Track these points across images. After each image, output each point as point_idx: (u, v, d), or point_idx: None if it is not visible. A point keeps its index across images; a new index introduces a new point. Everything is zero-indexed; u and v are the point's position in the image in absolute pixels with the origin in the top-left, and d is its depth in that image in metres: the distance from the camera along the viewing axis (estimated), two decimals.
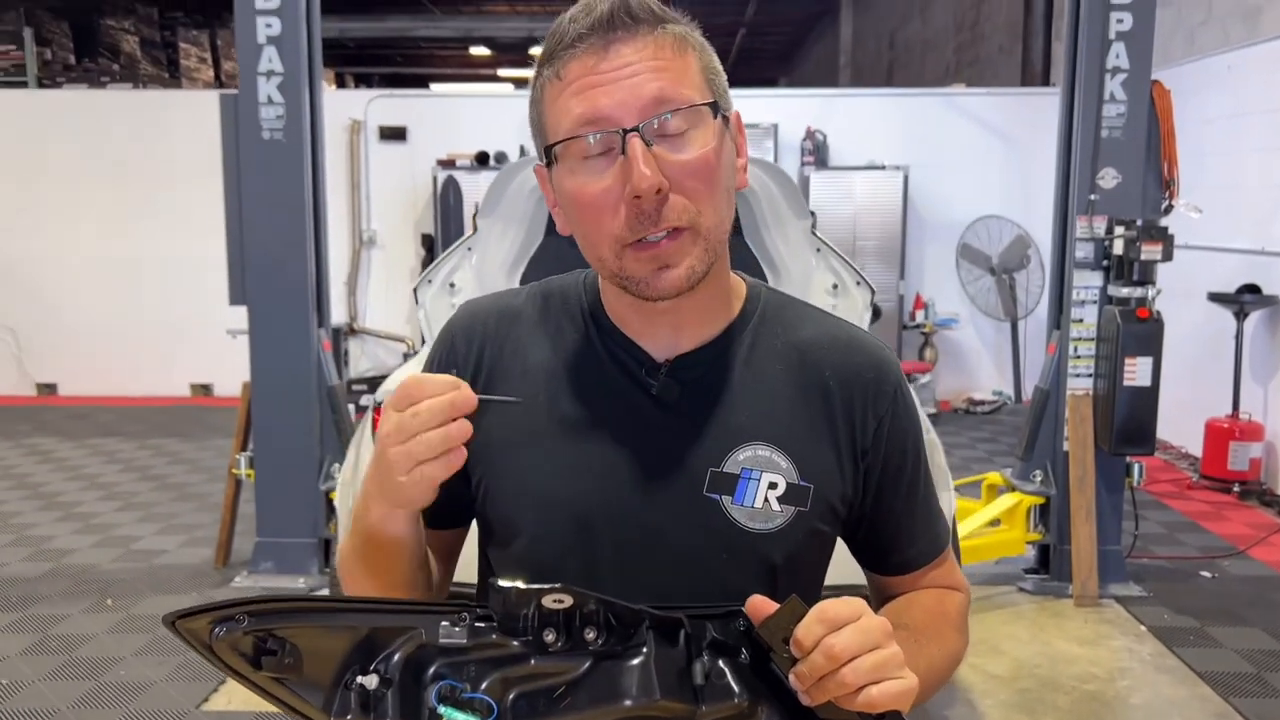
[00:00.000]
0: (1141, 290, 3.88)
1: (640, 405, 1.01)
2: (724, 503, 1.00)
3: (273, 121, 4.00)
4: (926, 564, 1.11)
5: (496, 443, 1.02)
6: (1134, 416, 3.90)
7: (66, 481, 5.65)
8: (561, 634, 0.87)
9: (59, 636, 3.63)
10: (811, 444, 1.02)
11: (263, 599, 0.84)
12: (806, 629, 0.84)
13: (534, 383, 1.03)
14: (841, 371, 1.05)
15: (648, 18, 0.93)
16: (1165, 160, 3.92)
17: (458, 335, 1.08)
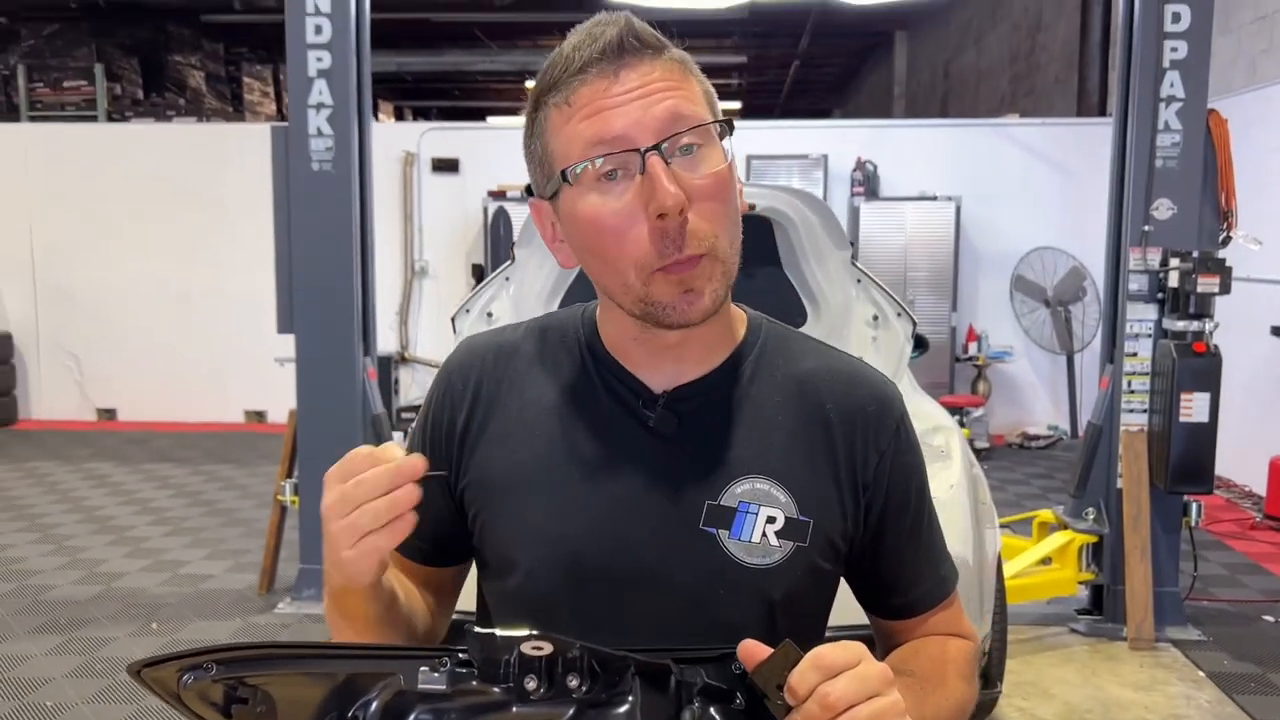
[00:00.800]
0: (1198, 324, 3.77)
1: (637, 438, 0.99)
2: (721, 537, 0.97)
3: (322, 153, 4.07)
4: (931, 607, 1.07)
5: (492, 479, 1.01)
6: (1190, 454, 3.78)
7: (120, 506, 5.76)
8: (543, 681, 0.84)
9: (105, 659, 3.68)
10: (811, 478, 1.00)
11: (232, 646, 0.82)
12: (801, 676, 0.81)
13: (530, 418, 1.02)
14: (842, 404, 1.02)
15: (653, 43, 0.93)
16: (1223, 191, 3.82)
17: (454, 373, 1.07)
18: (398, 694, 0.84)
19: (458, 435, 1.04)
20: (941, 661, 1.04)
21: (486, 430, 1.03)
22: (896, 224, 7.41)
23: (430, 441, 1.06)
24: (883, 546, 1.03)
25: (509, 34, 13.33)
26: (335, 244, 4.09)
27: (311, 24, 4.01)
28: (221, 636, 3.88)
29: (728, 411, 1.01)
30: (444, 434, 1.05)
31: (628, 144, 0.90)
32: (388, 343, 7.60)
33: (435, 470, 0.88)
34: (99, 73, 10.27)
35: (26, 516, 5.53)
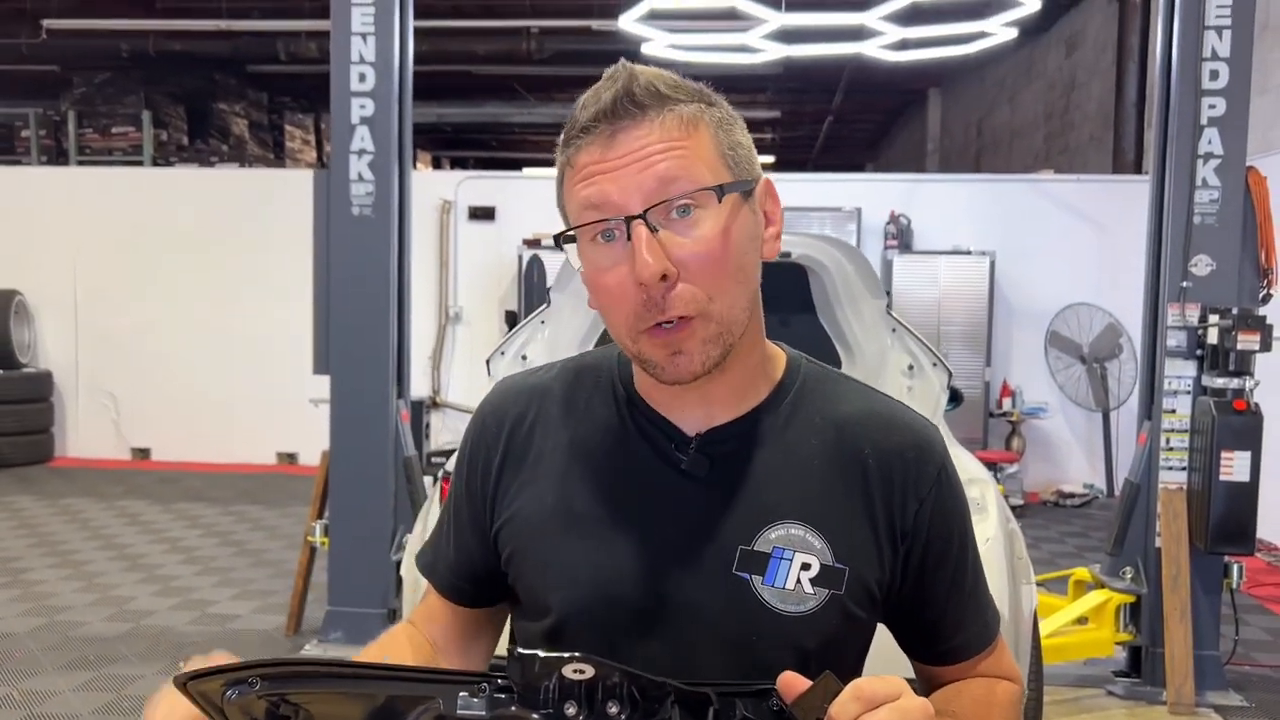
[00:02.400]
0: (1239, 381, 3.72)
1: (670, 481, 0.99)
2: (754, 582, 0.97)
3: (362, 198, 4.13)
4: (976, 654, 1.05)
5: (525, 520, 1.02)
6: (1231, 514, 3.70)
7: (151, 544, 5.79)
8: (583, 708, 0.84)
9: (132, 697, 3.67)
10: (847, 524, 0.98)
11: (277, 662, 0.82)
12: (842, 707, 0.80)
13: (562, 460, 1.02)
14: (881, 449, 1.00)
15: (652, 102, 0.92)
16: (1262, 248, 3.79)
17: (489, 415, 1.09)
18: (437, 718, 0.84)
19: (493, 476, 1.05)
20: (987, 704, 1.02)
21: (520, 472, 1.04)
22: (930, 277, 7.40)
23: (467, 484, 1.08)
24: (925, 594, 1.02)
25: (546, 87, 13.55)
26: (372, 288, 4.14)
27: (356, 72, 4.09)
28: None
29: (762, 455, 0.99)
30: (479, 475, 1.07)
31: (616, 210, 0.91)
32: (420, 387, 7.65)
33: None
34: (146, 119, 10.54)
35: (59, 553, 5.58)
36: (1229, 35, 3.76)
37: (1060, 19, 9.82)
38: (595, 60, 9.03)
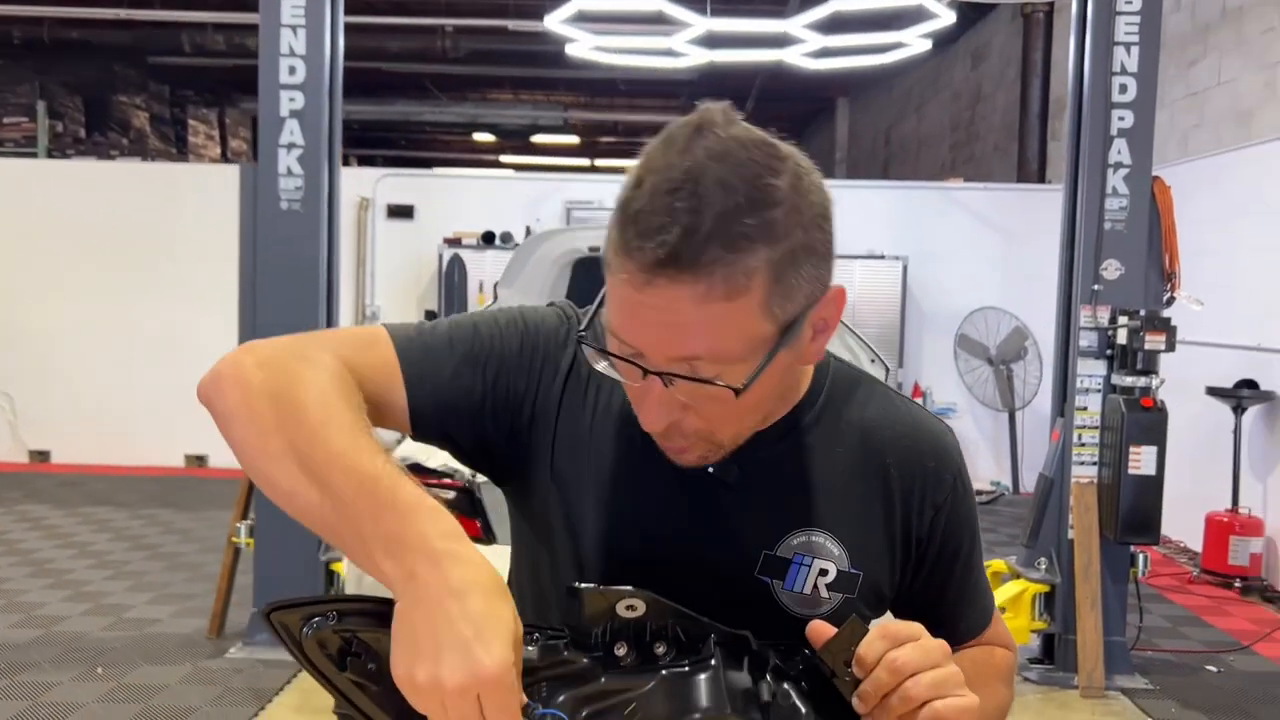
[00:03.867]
0: (1145, 379, 3.92)
1: (700, 480, 1.00)
2: (774, 587, 1.01)
3: (291, 193, 4.07)
4: (976, 635, 1.12)
5: (562, 473, 1.02)
6: (1139, 505, 3.90)
7: (57, 549, 5.57)
8: (632, 649, 0.88)
9: (49, 704, 3.55)
10: (865, 530, 1.02)
11: (356, 598, 0.84)
12: (869, 645, 0.86)
13: (606, 428, 1.03)
14: (903, 458, 1.04)
15: (703, 258, 0.81)
16: (1167, 253, 4.00)
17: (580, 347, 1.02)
18: None
19: (556, 380, 1.01)
20: (985, 664, 1.08)
21: (576, 409, 1.02)
22: (844, 281, 7.47)
23: (521, 346, 1.01)
24: (931, 591, 1.07)
25: (459, 86, 13.44)
26: (301, 284, 4.08)
27: (286, 65, 4.03)
28: (171, 681, 3.77)
29: (789, 462, 1.02)
30: (540, 357, 1.01)
31: (638, 355, 0.87)
32: None
33: None
34: (41, 110, 10.13)
35: None
36: (1136, 51, 3.96)
37: (967, 32, 10.16)
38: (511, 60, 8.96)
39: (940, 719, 0.85)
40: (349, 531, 0.81)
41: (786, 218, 0.84)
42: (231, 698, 3.65)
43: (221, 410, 0.90)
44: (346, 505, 0.81)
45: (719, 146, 0.84)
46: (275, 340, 0.96)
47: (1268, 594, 5.25)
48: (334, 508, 0.81)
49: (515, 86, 13.83)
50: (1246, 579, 5.33)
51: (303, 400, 0.86)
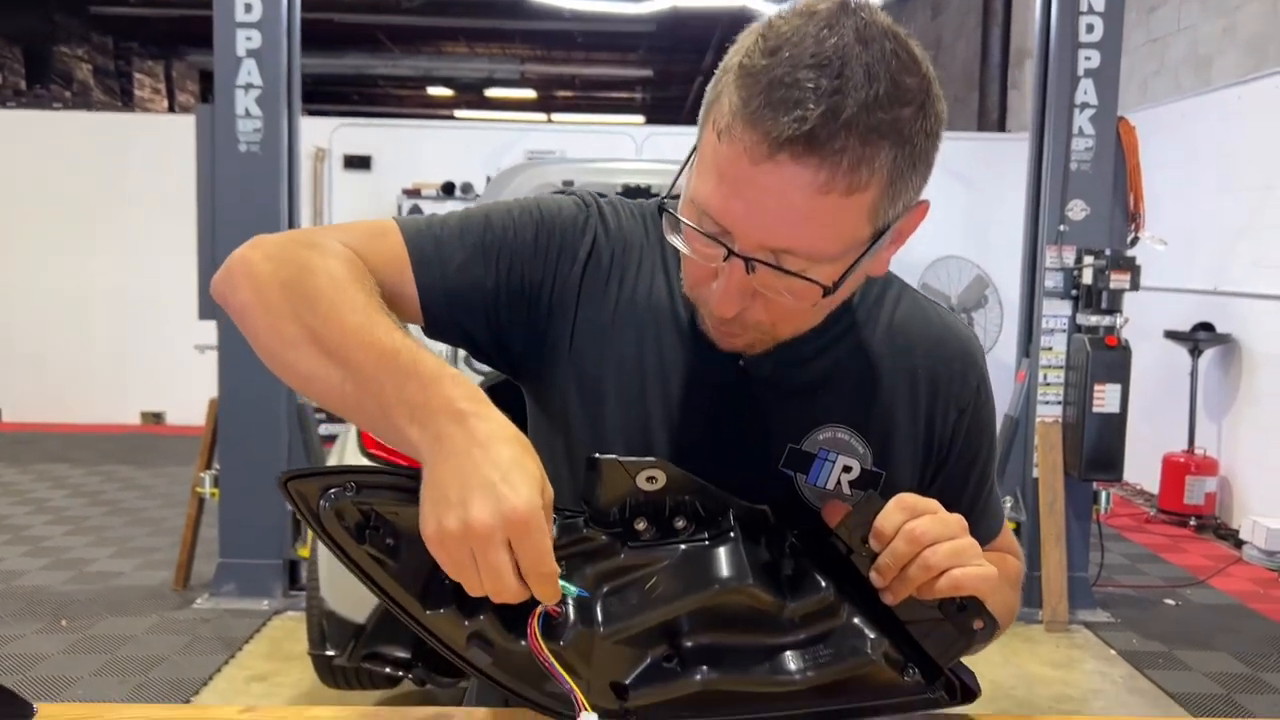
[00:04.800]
0: (1110, 319, 3.97)
1: (730, 371, 1.00)
2: (797, 480, 1.00)
3: (250, 135, 3.97)
4: (988, 542, 1.12)
5: (584, 366, 1.00)
6: (1103, 443, 3.96)
7: (13, 505, 5.46)
8: (651, 524, 0.87)
9: (12, 656, 3.48)
10: (890, 430, 1.02)
11: (372, 469, 0.82)
12: (887, 517, 0.86)
13: (629, 317, 1.01)
14: (931, 359, 1.04)
15: (836, 149, 0.77)
16: (1132, 194, 4.04)
17: (600, 234, 1.01)
18: None
19: (573, 270, 0.99)
20: (998, 568, 1.08)
21: (596, 298, 1.00)
22: None
23: (535, 239, 0.99)
24: (949, 494, 1.05)
25: (412, 38, 13.19)
26: (262, 228, 3.96)
27: (241, 2, 3.91)
28: (138, 632, 3.72)
29: (821, 359, 1.01)
30: (556, 248, 0.99)
31: (724, 234, 0.83)
32: None
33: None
34: None
35: None
36: None
37: None
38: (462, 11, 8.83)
39: (960, 585, 0.85)
40: (372, 405, 0.79)
41: (914, 120, 0.81)
42: (200, 646, 3.61)
43: (236, 305, 0.89)
44: (368, 380, 0.79)
45: (866, 31, 0.80)
46: (282, 233, 0.94)
47: (1221, 531, 5.38)
48: (355, 384, 0.80)
49: (470, 39, 13.59)
50: (1201, 517, 5.45)
51: (315, 284, 0.85)
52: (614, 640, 0.87)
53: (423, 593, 0.83)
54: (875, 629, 0.91)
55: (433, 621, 0.83)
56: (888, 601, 0.88)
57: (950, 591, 0.86)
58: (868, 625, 0.91)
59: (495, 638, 0.84)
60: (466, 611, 0.83)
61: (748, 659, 0.89)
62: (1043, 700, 3.41)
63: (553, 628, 0.85)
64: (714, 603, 0.87)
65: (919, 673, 0.93)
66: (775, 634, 0.90)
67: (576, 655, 0.86)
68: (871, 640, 0.91)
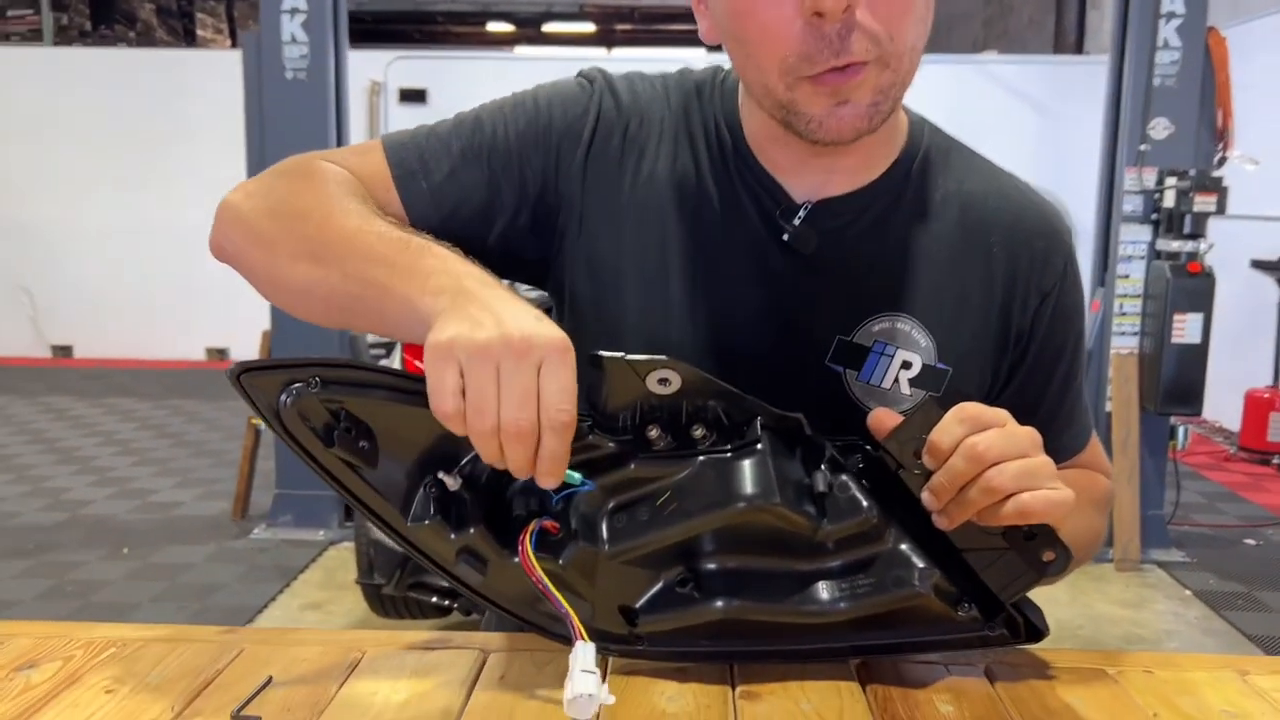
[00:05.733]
0: (1193, 244, 3.75)
1: (769, 252, 0.88)
2: (847, 377, 0.88)
3: (296, 61, 3.89)
4: (1072, 456, 0.99)
5: (601, 256, 0.89)
6: (1182, 375, 3.77)
7: (82, 437, 5.57)
8: (666, 432, 0.77)
9: (75, 582, 3.54)
10: (959, 321, 0.89)
11: (339, 361, 0.72)
12: (944, 430, 0.73)
13: (647, 196, 0.89)
14: (1009, 237, 0.90)
15: None
16: (1219, 110, 3.78)
17: (604, 110, 0.90)
18: None
19: (576, 155, 0.89)
20: (1081, 488, 0.94)
21: (601, 188, 0.90)
22: None
23: (535, 124, 0.90)
24: (1025, 399, 0.93)
25: None
26: None
27: None
28: (197, 560, 3.76)
29: (877, 235, 0.89)
30: (555, 134, 0.90)
31: None
32: None
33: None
34: (44, 1, 9.85)
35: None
36: None
37: None
38: None
39: (1028, 512, 0.73)
40: (378, 293, 0.73)
41: None
42: (257, 574, 3.63)
43: (231, 253, 0.85)
44: (375, 265, 0.73)
45: None
46: (263, 172, 0.89)
47: None
48: (360, 279, 0.74)
49: None
50: None
51: (303, 204, 0.81)
52: (622, 560, 0.78)
53: (404, 501, 0.75)
54: (926, 558, 0.81)
55: (416, 534, 0.75)
56: (942, 526, 0.77)
57: (1017, 519, 0.74)
58: (917, 553, 0.81)
59: (488, 553, 0.76)
60: (454, 524, 0.75)
61: (775, 586, 0.80)
62: (1111, 640, 3.29)
63: (550, 545, 0.77)
64: (736, 522, 0.78)
65: (976, 608, 0.82)
66: (807, 559, 0.80)
67: (579, 576, 0.78)
68: (920, 570, 0.81)
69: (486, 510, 0.76)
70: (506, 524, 0.76)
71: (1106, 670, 0.86)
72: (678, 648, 0.81)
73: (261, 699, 0.75)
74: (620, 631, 0.81)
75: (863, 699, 0.79)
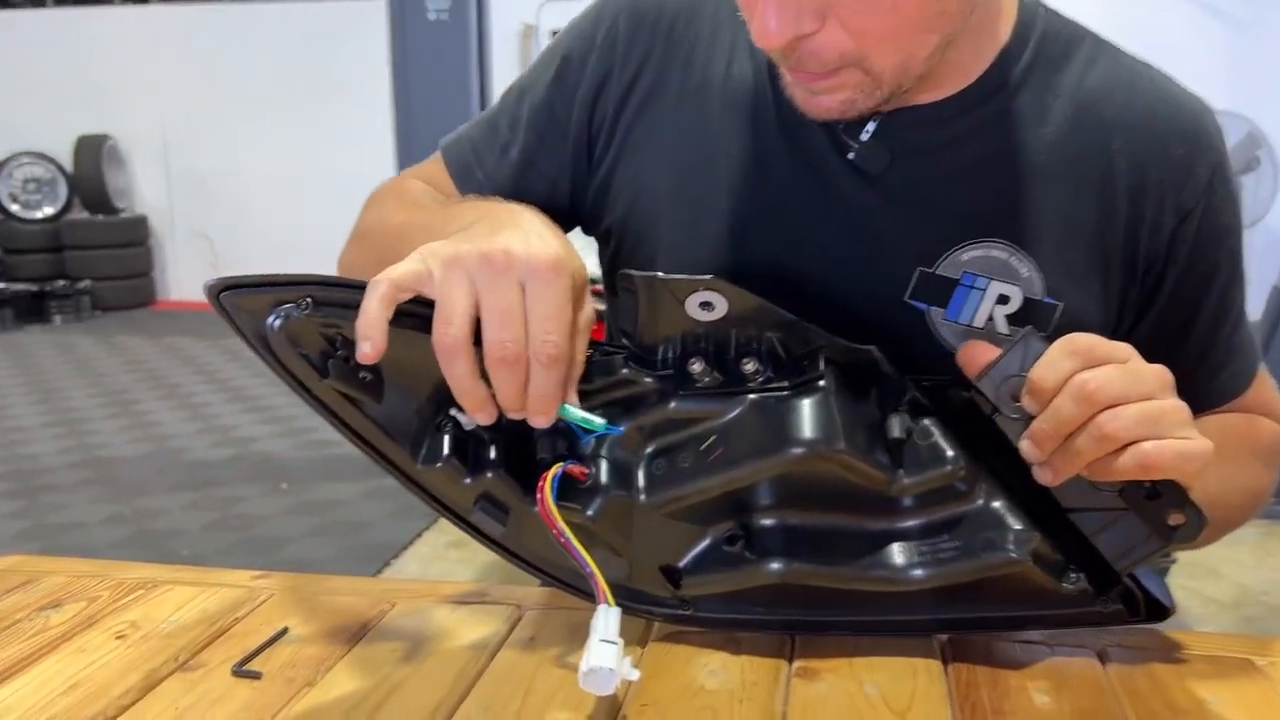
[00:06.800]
0: None
1: (835, 173, 0.75)
2: (932, 315, 0.75)
3: (439, 2, 3.89)
4: (1227, 401, 0.82)
5: (643, 187, 0.79)
6: None
7: (253, 378, 5.85)
8: (711, 365, 0.66)
9: (237, 516, 3.71)
10: (1070, 247, 0.74)
11: (334, 280, 0.62)
12: (1049, 365, 0.59)
13: (705, 104, 0.78)
14: (1136, 141, 0.74)
15: None
16: None
17: (624, 25, 0.81)
18: None
19: (614, 93, 0.81)
20: (1240, 434, 0.79)
21: (635, 116, 0.80)
22: None
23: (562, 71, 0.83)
24: (1168, 333, 0.78)
25: None
26: (452, 97, 3.94)
27: None
28: (349, 497, 3.89)
29: (965, 147, 0.74)
30: (595, 79, 0.82)
31: None
32: None
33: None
34: None
35: (165, 386, 5.68)
36: None
37: None
38: None
39: (1151, 465, 0.59)
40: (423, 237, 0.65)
41: None
42: (405, 514, 3.72)
43: None
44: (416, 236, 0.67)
45: None
46: None
47: None
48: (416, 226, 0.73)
49: None
50: None
51: (366, 224, 0.89)
52: (662, 513, 0.69)
53: (414, 441, 0.67)
54: (1023, 518, 0.68)
55: (428, 478, 0.67)
56: (1045, 481, 0.63)
57: (1137, 473, 0.60)
58: (1013, 513, 0.68)
59: (509, 500, 0.68)
60: (471, 467, 0.67)
61: (841, 548, 0.69)
62: None
63: (578, 494, 0.68)
64: (793, 471, 0.66)
65: (1085, 579, 0.69)
66: (879, 517, 0.69)
67: (612, 529, 0.69)
68: (1016, 533, 0.67)
69: (508, 452, 0.67)
70: (531, 468, 0.67)
71: (1254, 661, 0.71)
72: (731, 614, 0.72)
73: (269, 653, 0.69)
74: (662, 594, 0.72)
75: (942, 682, 0.67)
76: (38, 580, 0.81)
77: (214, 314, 0.64)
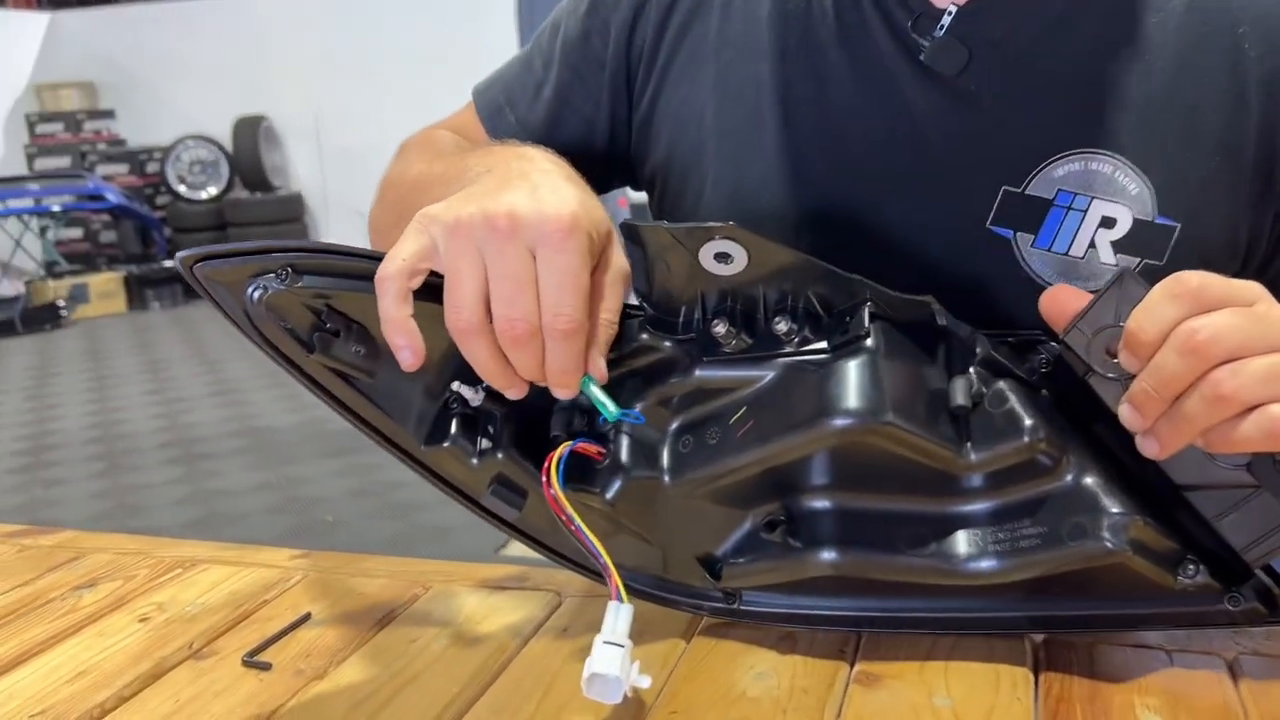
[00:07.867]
0: None
1: (903, 83, 0.65)
2: (1019, 243, 0.64)
3: None
4: None
5: (684, 111, 0.71)
6: None
7: None
8: (738, 326, 0.57)
9: (378, 482, 3.81)
10: (1189, 156, 0.62)
11: (317, 246, 0.56)
12: (1149, 311, 0.48)
13: (751, 26, 0.69)
14: (1268, 31, 0.61)
15: None
16: None
17: None
18: None
19: (641, 54, 0.75)
20: None
21: (678, 52, 0.72)
22: None
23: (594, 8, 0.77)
24: None
25: None
26: None
27: None
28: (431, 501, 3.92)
29: (1057, 43, 0.63)
30: (622, 15, 0.75)
31: None
32: None
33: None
34: None
35: None
36: None
37: None
38: None
39: (1277, 434, 0.47)
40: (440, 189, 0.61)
41: None
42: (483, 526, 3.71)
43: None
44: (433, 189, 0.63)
45: None
46: None
47: None
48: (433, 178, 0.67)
49: None
50: None
51: (389, 179, 0.82)
52: (693, 495, 0.61)
53: (418, 420, 0.60)
54: (1124, 499, 0.56)
55: (434, 459, 0.61)
56: (1150, 454, 0.52)
57: (1265, 443, 0.48)
58: (1110, 492, 0.57)
59: (525, 482, 0.61)
60: (480, 447, 0.60)
61: (901, 535, 0.59)
62: None
63: (595, 475, 0.60)
64: (839, 446, 0.57)
65: (1207, 571, 0.57)
66: (945, 499, 0.59)
67: (637, 514, 0.61)
68: (1114, 517, 0.56)
69: (520, 429, 0.61)
70: (546, 446, 0.60)
71: None
72: (786, 608, 0.63)
73: (286, 641, 0.65)
74: (701, 585, 0.64)
75: (1029, 694, 0.57)
76: (82, 558, 0.79)
77: None
